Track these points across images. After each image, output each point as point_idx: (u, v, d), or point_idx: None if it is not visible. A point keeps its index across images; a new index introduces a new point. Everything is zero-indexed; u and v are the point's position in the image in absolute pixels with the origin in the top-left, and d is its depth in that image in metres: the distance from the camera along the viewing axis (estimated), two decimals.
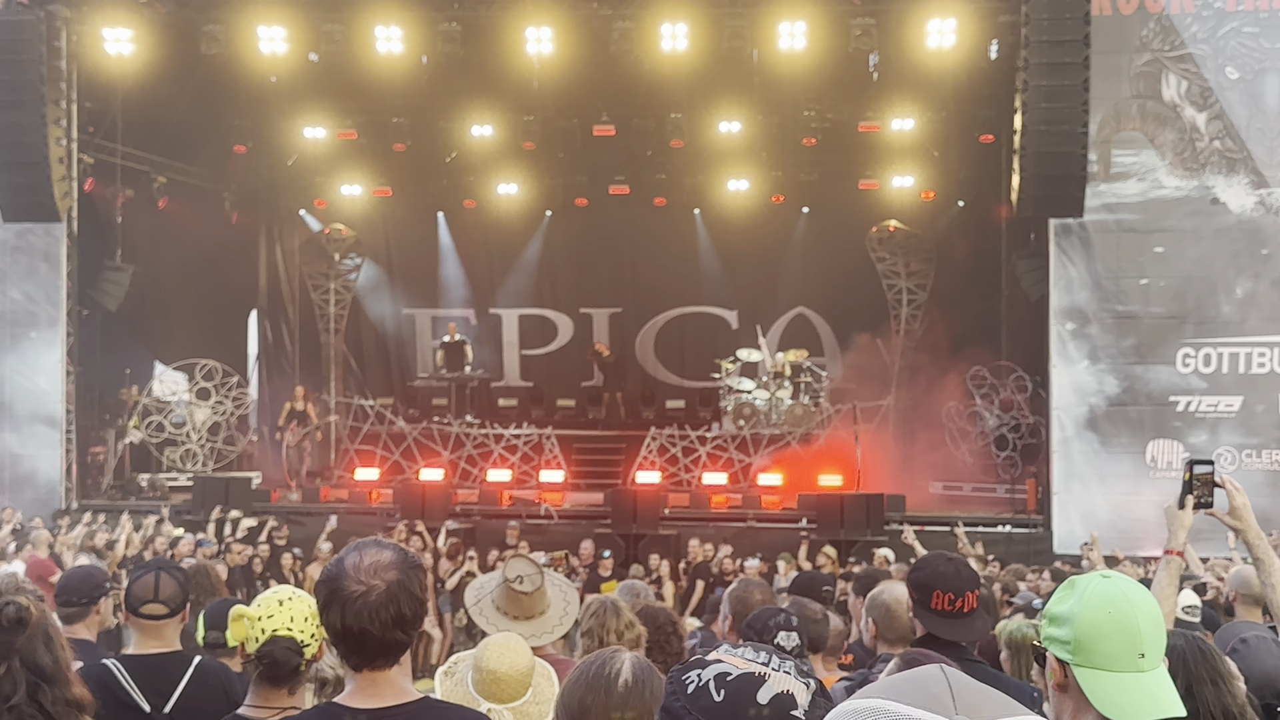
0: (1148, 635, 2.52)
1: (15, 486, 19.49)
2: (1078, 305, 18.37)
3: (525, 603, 4.42)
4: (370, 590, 2.78)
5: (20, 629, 3.06)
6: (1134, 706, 2.49)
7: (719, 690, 1.72)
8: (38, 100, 18.48)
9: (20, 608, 3.07)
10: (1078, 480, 18.24)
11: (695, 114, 23.15)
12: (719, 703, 1.70)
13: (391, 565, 2.83)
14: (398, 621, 2.81)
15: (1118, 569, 11.37)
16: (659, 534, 17.79)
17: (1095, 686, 2.52)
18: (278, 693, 3.59)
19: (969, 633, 4.26)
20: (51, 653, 3.07)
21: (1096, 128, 18.01)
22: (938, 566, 4.33)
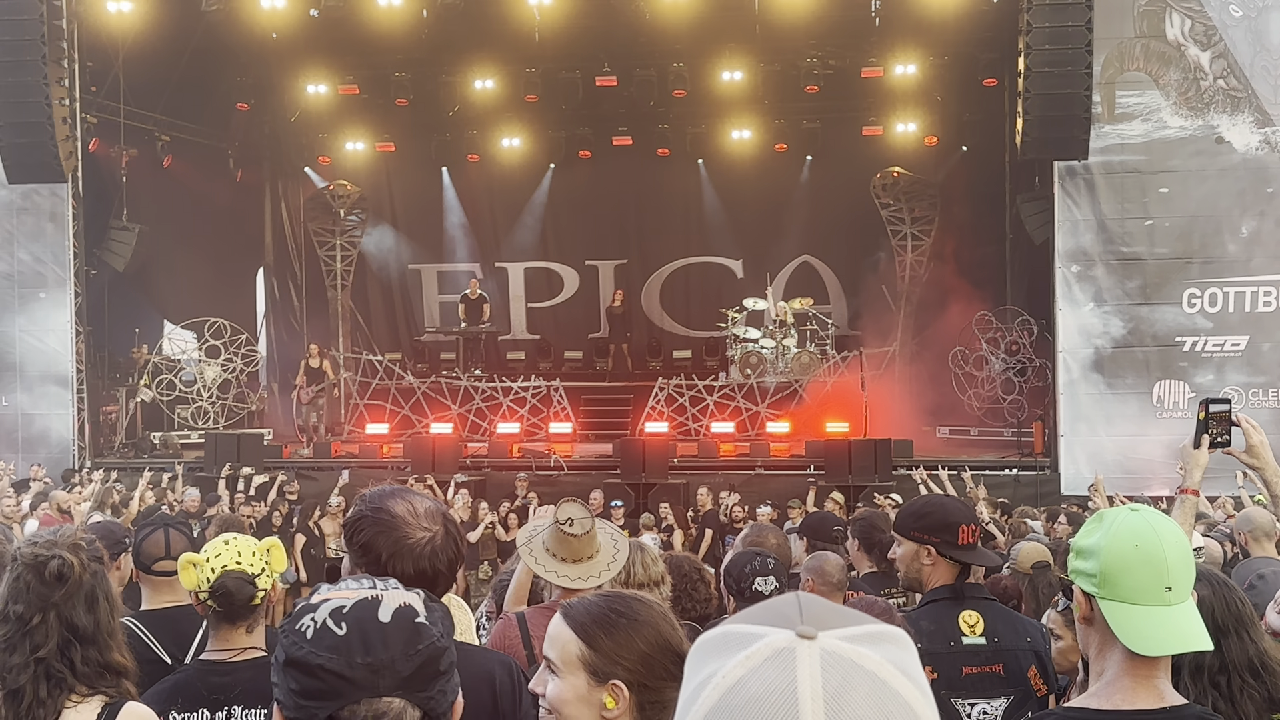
0: (1175, 569, 2.48)
1: (29, 446, 19.55)
2: (1082, 247, 18.29)
3: (575, 545, 4.42)
4: (435, 535, 2.82)
5: (59, 584, 3.04)
6: (1160, 640, 2.46)
7: (339, 624, 1.70)
8: (39, 60, 18.33)
9: (64, 563, 3.05)
10: (1084, 422, 18.23)
11: (697, 63, 23.04)
12: (344, 635, 1.68)
13: (438, 510, 2.89)
14: (458, 559, 2.89)
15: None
16: (668, 483, 17.81)
17: (1121, 619, 2.49)
18: (235, 632, 3.58)
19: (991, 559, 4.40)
20: (94, 614, 3.06)
21: (1100, 69, 17.85)
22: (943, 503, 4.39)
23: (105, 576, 3.20)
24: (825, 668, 1.15)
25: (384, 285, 27.52)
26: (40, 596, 3.03)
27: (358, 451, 20.17)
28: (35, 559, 3.06)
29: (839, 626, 1.20)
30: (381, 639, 1.68)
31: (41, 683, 2.96)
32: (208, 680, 3.48)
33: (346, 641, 1.68)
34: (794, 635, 1.18)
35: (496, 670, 3.01)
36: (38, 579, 3.04)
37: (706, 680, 1.20)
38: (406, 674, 1.68)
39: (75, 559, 3.08)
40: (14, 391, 19.97)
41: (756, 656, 1.18)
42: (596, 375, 24.49)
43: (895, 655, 1.19)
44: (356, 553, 2.89)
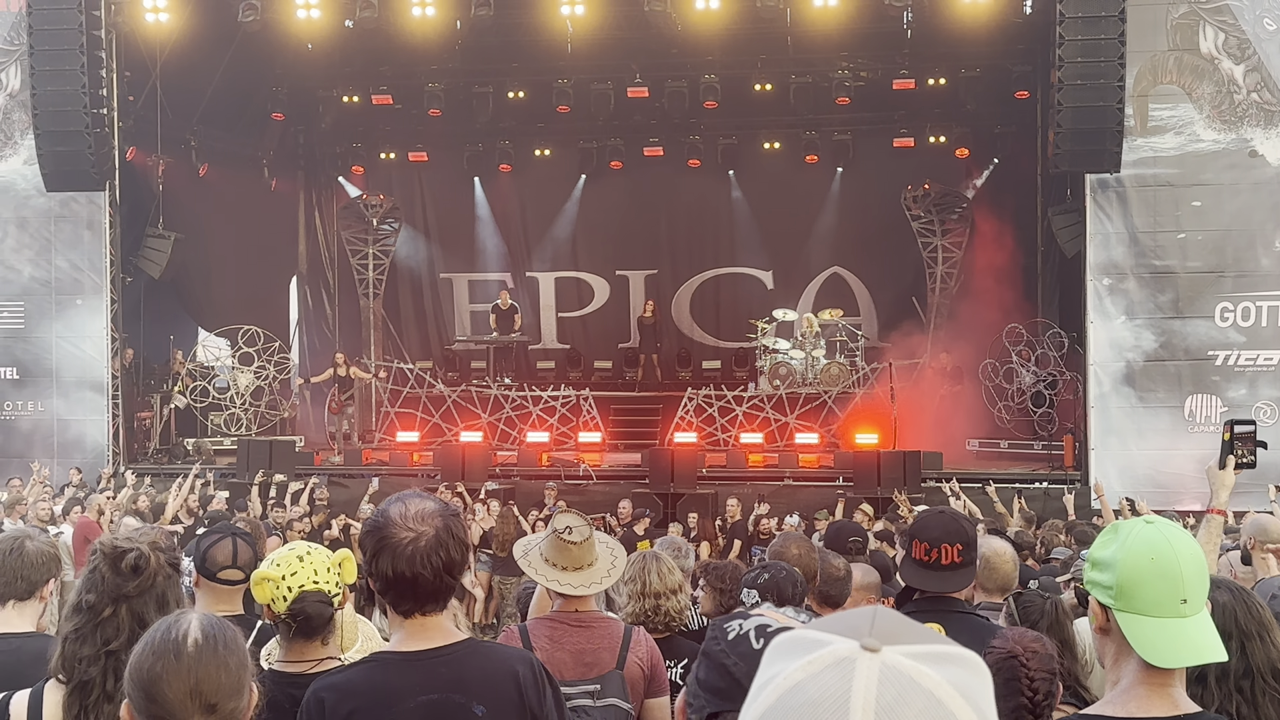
0: (1190, 581, 2.49)
1: (64, 451, 19.72)
2: (1114, 261, 18.19)
3: (574, 553, 4.44)
4: (419, 536, 2.83)
5: (134, 576, 3.07)
6: (1176, 651, 2.48)
7: (759, 640, 1.77)
8: (78, 70, 18.49)
9: (140, 556, 3.09)
10: (1115, 436, 18.11)
11: (729, 75, 23.09)
12: (757, 650, 1.75)
13: (435, 513, 2.88)
14: (447, 566, 2.86)
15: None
16: (696, 493, 17.80)
17: (1137, 632, 2.51)
18: (311, 645, 3.61)
19: (944, 584, 4.17)
20: (163, 614, 3.09)
21: (1133, 82, 17.76)
22: (924, 517, 4.35)
23: (178, 583, 3.22)
24: (882, 681, 1.17)
25: (416, 294, 27.64)
26: (114, 587, 3.06)
27: (388, 459, 20.24)
28: (114, 550, 3.10)
29: (907, 643, 1.21)
30: None
31: (110, 677, 2.97)
32: (289, 693, 3.49)
33: (756, 657, 1.70)
34: (858, 646, 1.20)
35: (519, 665, 3.02)
36: (113, 570, 3.08)
37: (770, 680, 1.24)
38: None
39: (152, 555, 3.12)
40: (50, 397, 20.15)
41: (818, 663, 1.20)
42: (626, 385, 24.50)
43: (959, 677, 1.20)
44: (360, 550, 2.95)
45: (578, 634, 4.41)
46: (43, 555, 4.04)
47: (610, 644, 4.44)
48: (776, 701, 1.21)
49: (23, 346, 20.25)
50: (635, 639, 4.52)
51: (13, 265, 20.26)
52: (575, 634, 4.42)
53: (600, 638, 4.43)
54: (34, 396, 20.18)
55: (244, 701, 2.43)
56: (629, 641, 4.47)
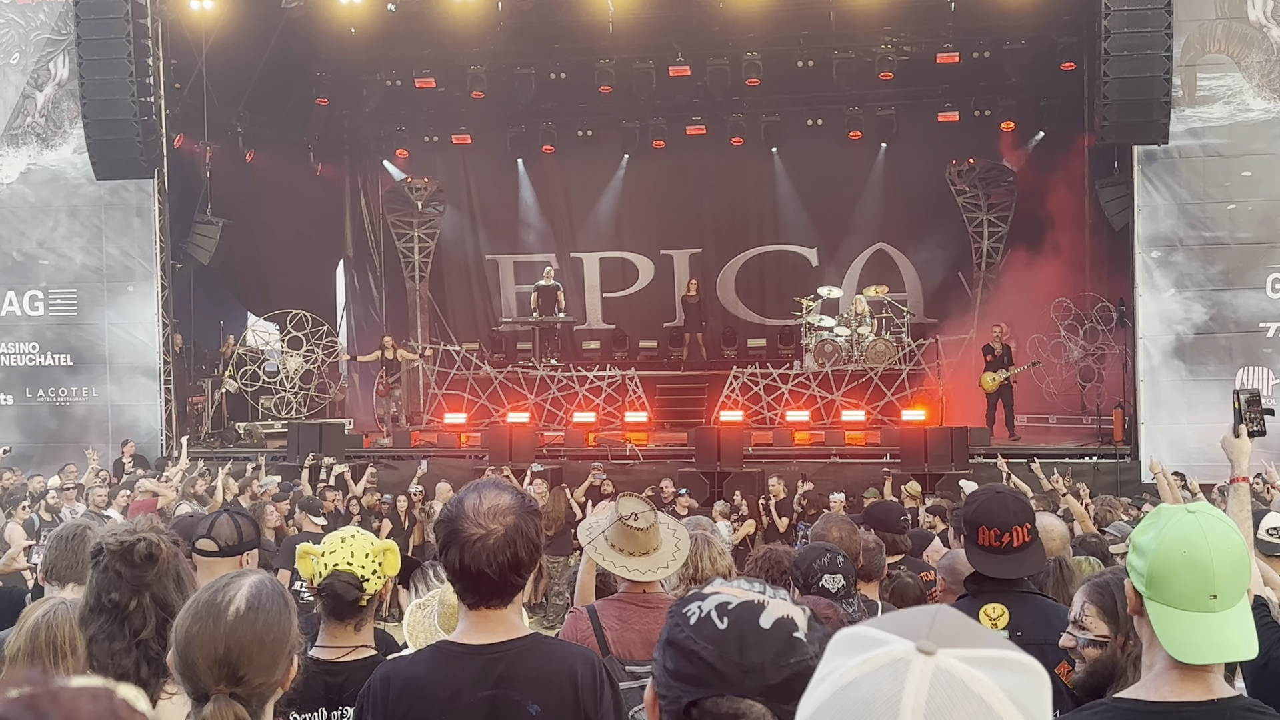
0: (1222, 576, 2.45)
1: (118, 436, 19.95)
2: (1163, 233, 17.99)
3: (640, 539, 4.44)
4: (489, 534, 2.81)
5: (151, 564, 3.11)
6: (1198, 647, 2.45)
7: (722, 618, 1.74)
8: (125, 59, 18.65)
9: (151, 544, 3.12)
10: (1165, 409, 17.94)
11: (771, 52, 22.93)
12: (724, 629, 1.72)
13: (510, 510, 2.86)
14: (514, 565, 2.84)
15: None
16: (743, 471, 17.78)
17: (1163, 623, 2.49)
18: (344, 629, 3.64)
19: (1016, 569, 4.07)
20: (181, 592, 3.11)
21: (1180, 51, 17.53)
22: (984, 501, 4.16)
23: (183, 558, 3.27)
24: (934, 684, 1.17)
25: (461, 276, 27.72)
26: (134, 579, 3.09)
27: (436, 441, 20.31)
28: (122, 545, 3.12)
29: (965, 647, 1.21)
30: (757, 643, 1.72)
31: (143, 665, 3.02)
32: (322, 680, 3.53)
33: (724, 636, 1.72)
34: (914, 648, 1.20)
35: (578, 664, 3.01)
36: (127, 564, 3.10)
37: (827, 675, 1.24)
38: (774, 682, 1.70)
39: (160, 539, 3.15)
40: (104, 383, 20.40)
41: (874, 662, 1.20)
42: (671, 364, 24.47)
43: (1013, 684, 1.19)
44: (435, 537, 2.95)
45: (646, 615, 4.42)
46: None
47: None
48: (831, 698, 1.21)
49: (76, 334, 20.50)
50: None
51: (65, 253, 20.49)
52: (643, 615, 4.43)
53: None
54: (88, 383, 20.44)
55: (275, 677, 2.45)
56: None
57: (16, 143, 20.62)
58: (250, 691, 2.39)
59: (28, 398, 20.59)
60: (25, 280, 20.62)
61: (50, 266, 20.57)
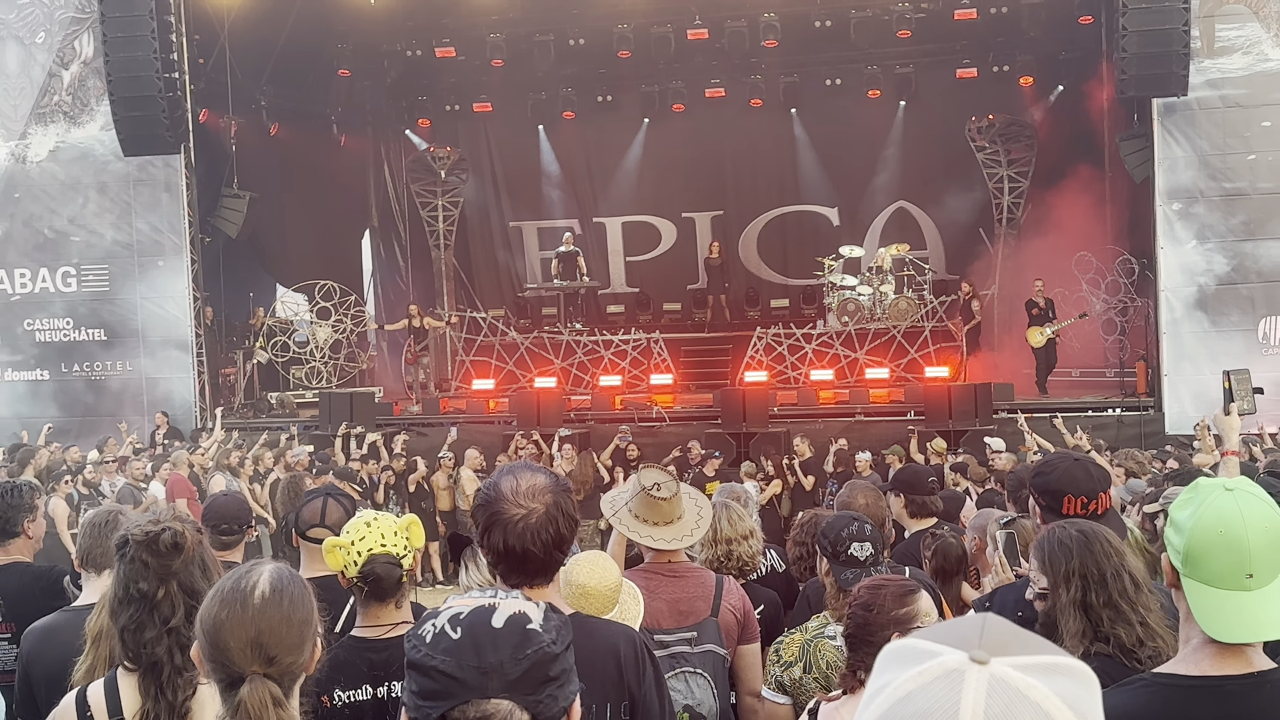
0: (1259, 555, 2.44)
1: (153, 408, 20.09)
2: (1184, 185, 17.84)
3: (664, 509, 4.47)
4: (530, 513, 2.82)
5: (177, 553, 3.14)
6: (1233, 626, 2.44)
7: (455, 629, 1.77)
8: (149, 35, 18.68)
9: (176, 533, 3.15)
10: (1188, 361, 17.83)
11: (788, 12, 22.78)
12: (458, 639, 1.75)
13: (547, 489, 2.87)
14: (557, 541, 2.86)
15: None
16: (769, 432, 17.77)
17: (1199, 600, 2.48)
18: (385, 609, 3.68)
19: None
20: (208, 579, 3.14)
21: (1199, 2, 17.37)
22: (1067, 468, 4.04)
23: (207, 546, 3.30)
24: (990, 693, 1.17)
25: (486, 243, 27.73)
26: (161, 568, 3.13)
27: (465, 407, 20.36)
28: (148, 535, 3.15)
29: (1015, 654, 1.21)
30: (492, 643, 1.75)
31: (176, 652, 3.06)
32: (365, 657, 3.56)
33: (459, 645, 1.75)
34: (967, 658, 1.20)
35: (620, 643, 3.04)
36: (153, 553, 3.13)
37: (881, 689, 1.24)
38: (514, 677, 1.74)
39: (185, 529, 3.18)
40: (138, 356, 20.53)
41: (928, 674, 1.20)
42: (695, 326, 24.46)
43: (1067, 690, 1.19)
44: (472, 521, 2.97)
45: (672, 584, 4.45)
46: None
47: (704, 593, 4.50)
48: (887, 711, 1.22)
49: (109, 309, 20.62)
50: (728, 588, 4.59)
51: (95, 229, 20.59)
52: (670, 584, 4.46)
53: (694, 587, 4.49)
54: (122, 356, 20.57)
55: (304, 656, 2.48)
56: (721, 590, 4.55)
57: (44, 121, 20.68)
58: (282, 671, 2.43)
59: (63, 372, 20.75)
60: (57, 257, 20.73)
61: (81, 243, 20.67)
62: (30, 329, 20.82)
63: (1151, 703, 2.54)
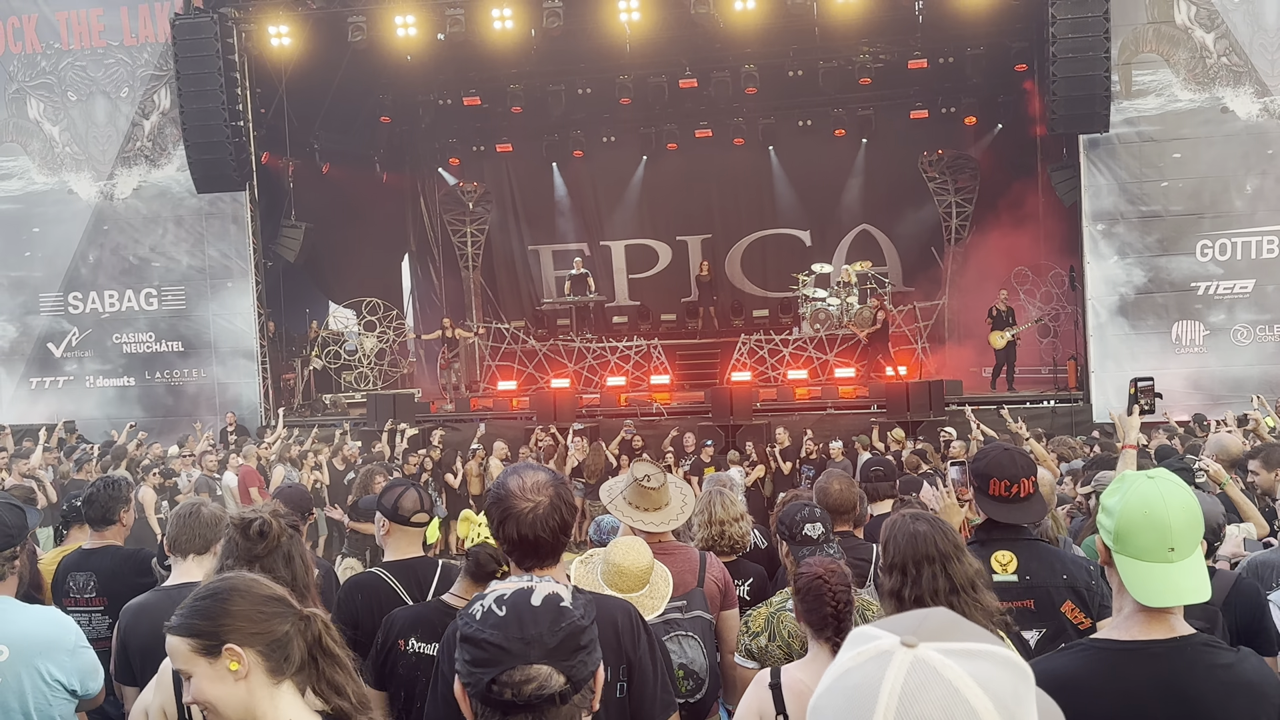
0: (1179, 532, 2.48)
1: (224, 409, 20.15)
2: (1106, 208, 17.88)
3: (653, 496, 4.50)
4: (537, 505, 2.84)
5: (261, 540, 3.16)
6: (1160, 593, 2.48)
7: (501, 607, 1.83)
8: (218, 89, 18.76)
9: (265, 522, 3.17)
10: (1112, 359, 17.87)
11: (765, 63, 22.80)
12: (504, 615, 1.81)
13: (548, 483, 2.89)
14: (562, 527, 2.88)
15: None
16: (753, 424, 17.80)
17: (1129, 573, 2.52)
18: (475, 588, 3.67)
19: (1025, 515, 3.99)
20: (290, 569, 3.17)
21: (1118, 52, 17.39)
22: (995, 456, 4.06)
23: (300, 541, 3.31)
24: (910, 672, 1.17)
25: (508, 264, 27.71)
26: (246, 551, 3.15)
27: (492, 405, 20.37)
28: (242, 520, 3.18)
29: (946, 640, 1.21)
30: (533, 618, 1.82)
31: None
32: (444, 619, 3.56)
33: (505, 621, 1.81)
34: (899, 641, 1.21)
35: (618, 614, 3.05)
36: (243, 536, 3.16)
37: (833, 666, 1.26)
38: (552, 646, 1.80)
39: (274, 521, 3.20)
40: (210, 364, 20.57)
41: (865, 654, 1.22)
42: (689, 334, 24.44)
43: (986, 673, 1.17)
44: (486, 518, 2.98)
45: (664, 560, 4.48)
46: (214, 517, 4.15)
47: (691, 567, 4.53)
48: (830, 684, 1.23)
49: (185, 324, 20.67)
50: (710, 562, 4.63)
51: (173, 256, 20.63)
52: (662, 560, 4.48)
53: (682, 562, 4.51)
54: (196, 365, 20.62)
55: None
56: (705, 564, 4.58)
57: (129, 164, 20.71)
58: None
59: (146, 379, 20.80)
60: (141, 280, 20.78)
61: (161, 268, 20.70)
62: (118, 342, 20.88)
63: (1088, 664, 2.57)
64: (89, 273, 20.90)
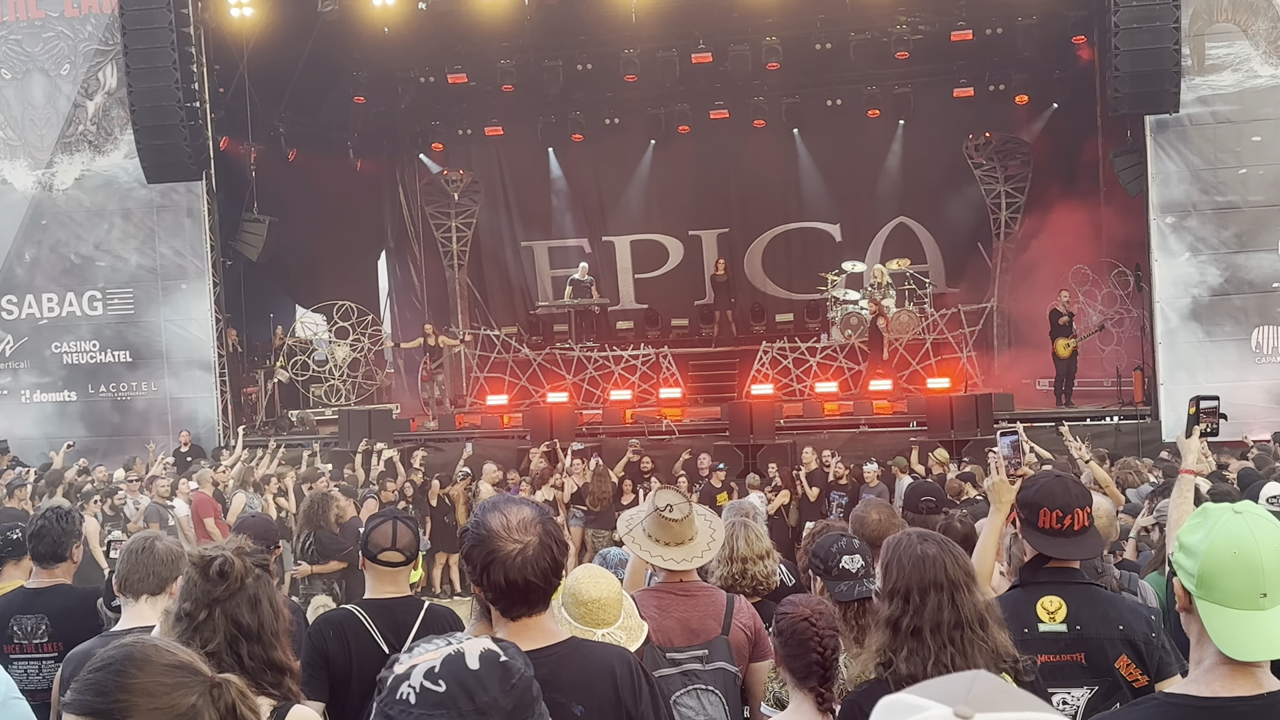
0: (1271, 575, 2.43)
1: (177, 428, 20.14)
2: (1177, 199, 17.86)
3: (675, 529, 4.48)
4: (526, 546, 2.83)
5: (221, 581, 3.15)
6: (1251, 645, 2.43)
7: (436, 682, 1.76)
8: (170, 66, 18.77)
9: (225, 561, 3.16)
10: (1184, 370, 17.82)
11: (789, 35, 22.81)
12: (446, 691, 1.75)
13: (535, 520, 2.88)
14: (554, 569, 2.87)
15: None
16: (775, 443, 17.78)
17: (1215, 621, 2.45)
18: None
19: (1079, 550, 3.92)
20: (256, 614, 3.15)
21: (1189, 21, 17.37)
22: (1045, 483, 4.00)
23: (269, 582, 3.30)
24: None
25: (498, 263, 27.76)
26: (205, 593, 3.15)
27: (480, 423, 20.40)
28: (201, 559, 3.18)
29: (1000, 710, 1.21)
30: (479, 684, 1.77)
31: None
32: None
33: (450, 696, 1.75)
34: (952, 713, 1.20)
35: (616, 664, 3.04)
36: (203, 577, 3.16)
37: None
38: (510, 709, 1.77)
39: (238, 560, 3.19)
40: (162, 377, 20.59)
41: None
42: (703, 341, 24.47)
43: None
44: (465, 564, 2.96)
45: (684, 603, 4.46)
46: (171, 553, 4.16)
47: (715, 612, 4.50)
48: None
49: (134, 331, 20.71)
50: (738, 606, 4.59)
51: (120, 254, 20.68)
52: (681, 603, 4.47)
53: (705, 606, 4.49)
54: (147, 377, 20.64)
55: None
56: (733, 609, 4.55)
57: (70, 150, 20.78)
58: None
59: (90, 393, 20.82)
60: (84, 281, 20.82)
61: (107, 268, 20.74)
62: (58, 351, 20.90)
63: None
64: (24, 273, 20.94)
